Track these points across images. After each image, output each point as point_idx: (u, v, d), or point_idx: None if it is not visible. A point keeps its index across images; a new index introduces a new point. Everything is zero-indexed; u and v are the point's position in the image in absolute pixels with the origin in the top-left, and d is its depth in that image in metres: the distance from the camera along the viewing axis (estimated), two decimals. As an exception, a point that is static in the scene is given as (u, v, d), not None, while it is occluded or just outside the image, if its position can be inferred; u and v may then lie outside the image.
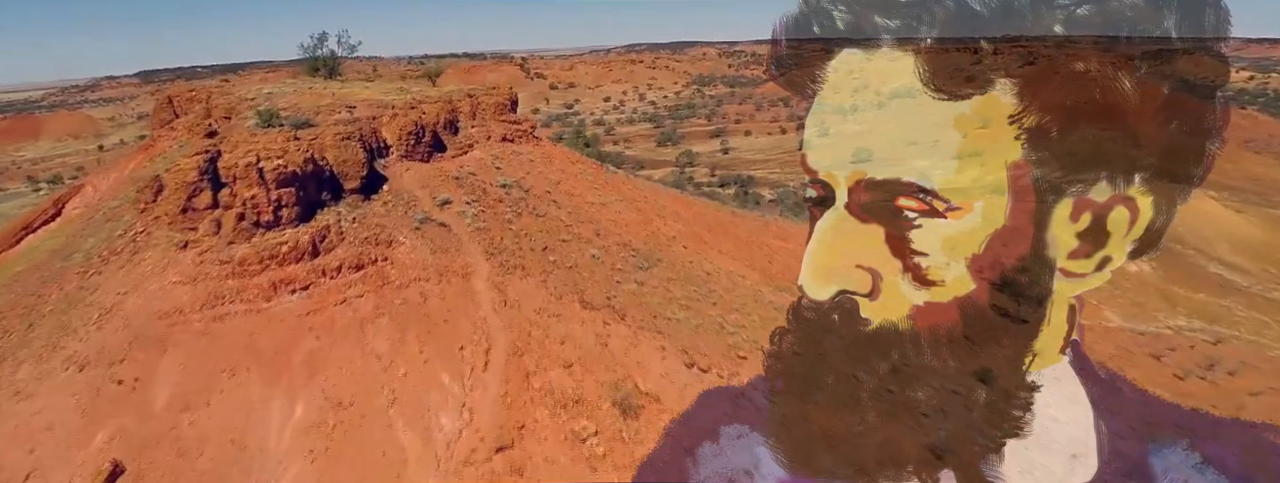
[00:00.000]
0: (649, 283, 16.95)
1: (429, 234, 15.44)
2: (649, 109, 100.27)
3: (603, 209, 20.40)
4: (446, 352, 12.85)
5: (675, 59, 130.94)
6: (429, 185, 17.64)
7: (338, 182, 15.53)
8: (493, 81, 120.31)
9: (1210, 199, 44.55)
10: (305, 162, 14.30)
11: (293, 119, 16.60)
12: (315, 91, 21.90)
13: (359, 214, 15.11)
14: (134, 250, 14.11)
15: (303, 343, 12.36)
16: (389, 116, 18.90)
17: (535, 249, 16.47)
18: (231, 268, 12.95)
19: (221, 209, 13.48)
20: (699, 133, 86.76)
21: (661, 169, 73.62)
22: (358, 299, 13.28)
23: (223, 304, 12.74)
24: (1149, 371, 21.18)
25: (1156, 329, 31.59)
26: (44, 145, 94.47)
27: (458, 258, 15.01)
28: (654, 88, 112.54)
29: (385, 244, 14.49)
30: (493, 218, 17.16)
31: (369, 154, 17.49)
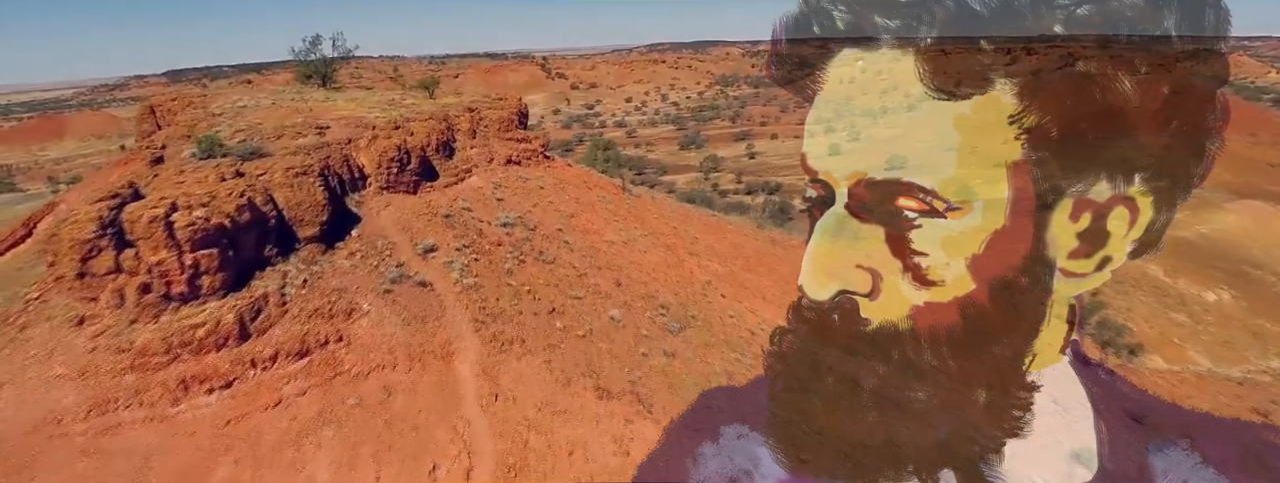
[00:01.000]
0: (682, 353, 13.24)
1: (403, 298, 11.89)
2: (671, 110, 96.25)
3: (625, 249, 16.70)
4: (412, 476, 9.29)
5: (698, 59, 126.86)
6: (411, 226, 14.09)
7: (289, 230, 12.06)
8: (514, 82, 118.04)
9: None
10: (240, 209, 10.83)
11: (242, 147, 13.15)
12: (290, 106, 18.48)
13: (313, 274, 11.61)
14: (24, 324, 10.75)
15: (216, 470, 8.88)
16: (367, 139, 15.39)
17: (540, 312, 12.85)
18: (130, 358, 9.51)
19: (125, 275, 10.05)
20: (723, 135, 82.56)
21: (685, 174, 69.62)
22: (298, 399, 9.75)
23: (115, 409, 9.30)
24: None
25: (1251, 375, 27.36)
26: (68, 145, 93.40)
27: (437, 332, 11.43)
28: (676, 88, 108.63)
29: (342, 316, 10.98)
30: (488, 269, 13.56)
31: (338, 188, 13.98)
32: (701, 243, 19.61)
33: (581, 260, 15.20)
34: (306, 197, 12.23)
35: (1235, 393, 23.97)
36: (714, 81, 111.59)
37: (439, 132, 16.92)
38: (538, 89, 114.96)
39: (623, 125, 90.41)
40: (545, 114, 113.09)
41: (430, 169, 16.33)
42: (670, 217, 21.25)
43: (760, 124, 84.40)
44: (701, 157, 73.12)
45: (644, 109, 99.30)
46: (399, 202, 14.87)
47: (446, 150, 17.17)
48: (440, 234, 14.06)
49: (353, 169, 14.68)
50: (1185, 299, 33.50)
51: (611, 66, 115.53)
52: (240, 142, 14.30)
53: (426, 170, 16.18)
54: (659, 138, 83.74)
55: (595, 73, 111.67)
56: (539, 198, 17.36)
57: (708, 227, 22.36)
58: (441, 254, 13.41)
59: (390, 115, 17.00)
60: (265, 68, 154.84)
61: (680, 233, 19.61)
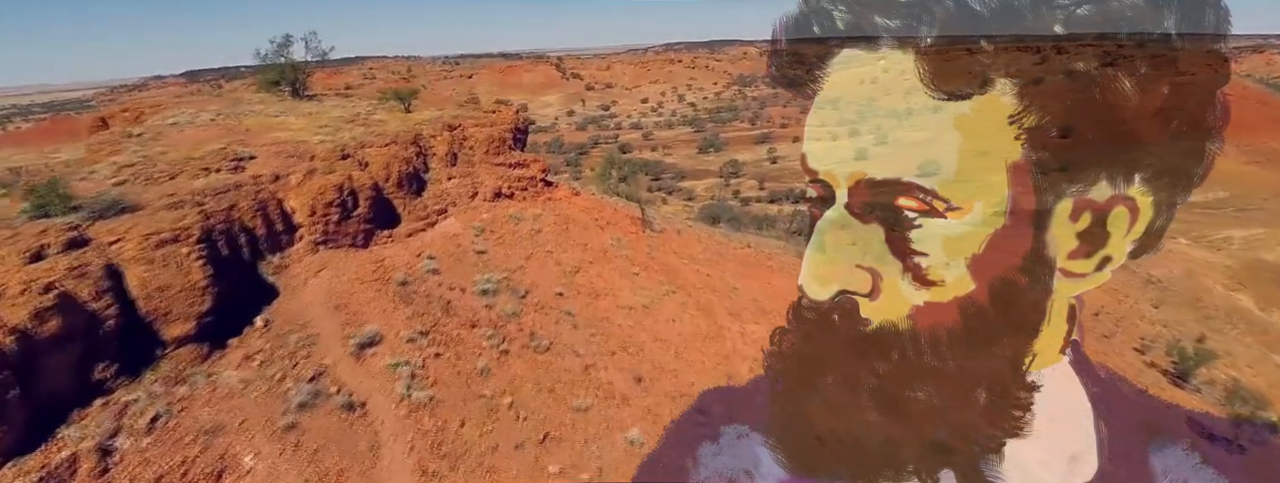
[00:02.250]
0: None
1: (313, 437, 7.62)
2: (689, 111, 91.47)
3: (647, 318, 12.30)
4: None
5: (715, 58, 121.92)
6: (349, 303, 9.84)
7: (150, 330, 7.87)
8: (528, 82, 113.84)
9: None
10: (41, 314, 6.64)
11: (100, 200, 8.93)
12: (223, 124, 14.31)
13: (172, 404, 7.38)
14: None
15: None
16: (301, 175, 11.17)
17: (525, 443, 8.53)
18: None
19: None
20: (743, 138, 77.74)
21: (704, 180, 64.95)
22: None
23: None
24: None
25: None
26: (80, 147, 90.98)
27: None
28: (693, 88, 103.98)
29: (207, 481, 6.77)
30: (454, 371, 9.26)
31: (245, 252, 9.76)
32: (742, 294, 15.14)
33: (588, 342, 10.85)
34: (176, 277, 8.00)
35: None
36: (732, 82, 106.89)
37: (403, 160, 12.63)
38: (552, 90, 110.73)
39: (639, 127, 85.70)
40: (560, 115, 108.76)
41: (389, 212, 12.07)
42: (701, 257, 16.80)
43: (781, 126, 79.71)
44: (721, 161, 68.43)
45: (660, 110, 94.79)
46: (339, 262, 10.61)
47: (414, 184, 12.89)
48: (389, 314, 9.77)
49: (275, 218, 10.43)
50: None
51: (627, 66, 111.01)
52: (119, 182, 10.11)
53: (383, 214, 11.92)
54: (676, 140, 78.88)
55: (611, 73, 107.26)
56: (534, 246, 13.02)
57: (744, 264, 17.89)
58: (385, 349, 9.12)
59: (340, 139, 12.69)
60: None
61: (715, 283, 15.15)
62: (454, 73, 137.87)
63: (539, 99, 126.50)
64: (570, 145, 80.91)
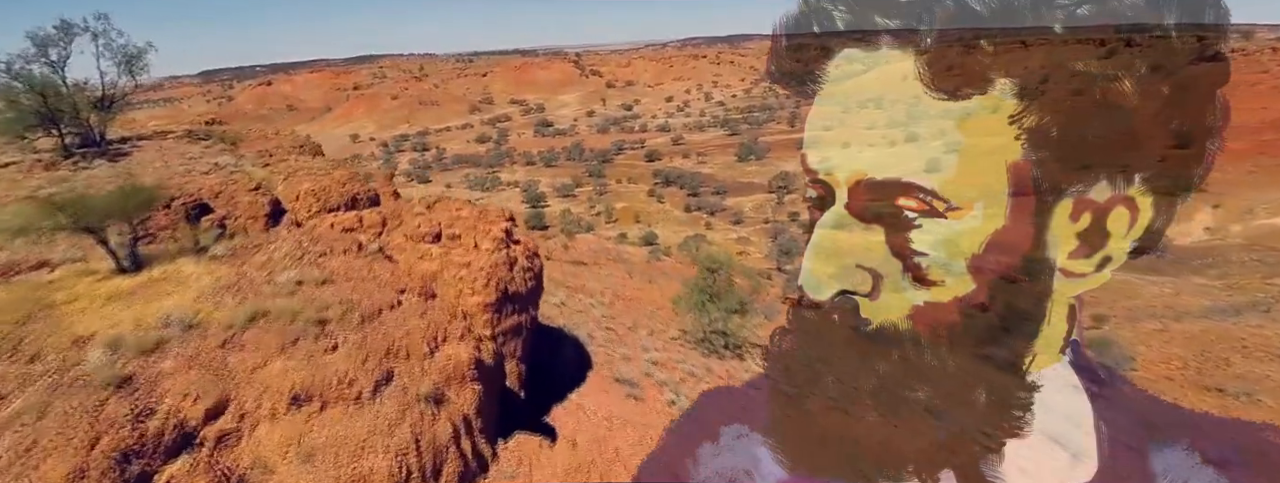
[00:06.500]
0: None
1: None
2: (718, 111, 79.99)
3: None
4: None
5: (738, 53, 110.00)
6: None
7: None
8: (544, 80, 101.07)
9: None
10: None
11: None
12: None
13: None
14: None
15: None
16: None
17: None
18: None
19: None
20: (783, 142, 66.32)
21: (752, 196, 53.84)
22: None
23: None
24: None
25: None
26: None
27: None
28: (719, 86, 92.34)
29: None
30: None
31: None
32: None
33: None
34: None
35: None
36: (759, 78, 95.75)
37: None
38: (571, 88, 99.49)
39: (666, 129, 74.34)
40: (579, 116, 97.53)
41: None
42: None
43: (824, 128, 68.50)
44: (765, 171, 57.02)
45: (687, 109, 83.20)
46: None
47: None
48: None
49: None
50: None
51: (648, 63, 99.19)
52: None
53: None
54: (710, 145, 67.34)
55: (631, 70, 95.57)
56: None
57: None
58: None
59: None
60: (293, 67, 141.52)
61: None
62: (469, 70, 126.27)
63: (556, 98, 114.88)
64: (592, 153, 69.77)
